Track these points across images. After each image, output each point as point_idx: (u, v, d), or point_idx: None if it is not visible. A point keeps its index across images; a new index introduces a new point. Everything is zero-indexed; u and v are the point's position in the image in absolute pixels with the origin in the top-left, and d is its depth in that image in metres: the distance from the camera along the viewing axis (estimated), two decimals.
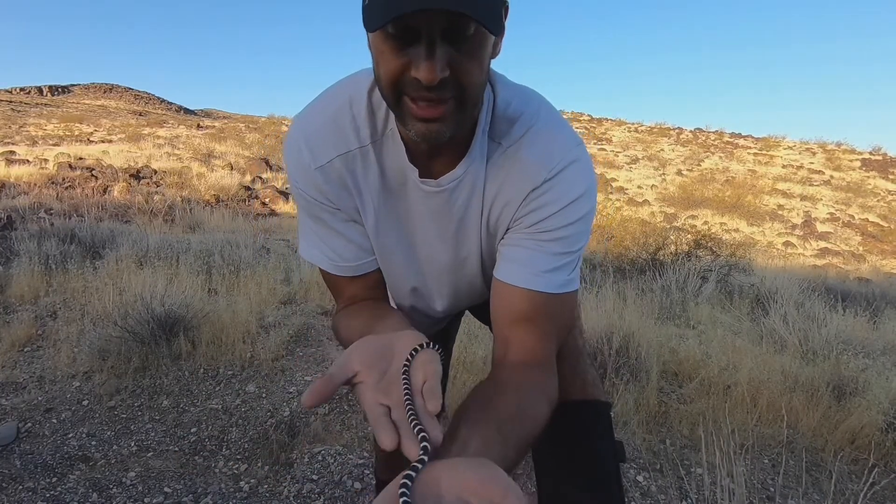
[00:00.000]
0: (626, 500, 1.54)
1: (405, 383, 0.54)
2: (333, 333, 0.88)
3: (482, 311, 1.07)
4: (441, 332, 1.17)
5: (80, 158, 10.82)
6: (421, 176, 0.73)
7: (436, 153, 0.72)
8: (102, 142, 16.67)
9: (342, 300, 0.86)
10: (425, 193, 0.75)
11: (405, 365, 0.56)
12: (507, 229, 0.76)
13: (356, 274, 0.82)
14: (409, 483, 0.43)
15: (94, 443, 1.71)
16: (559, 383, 0.80)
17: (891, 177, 20.40)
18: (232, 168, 11.51)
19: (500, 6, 0.58)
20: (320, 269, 0.84)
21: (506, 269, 0.75)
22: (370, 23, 0.55)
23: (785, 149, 25.12)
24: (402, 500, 0.41)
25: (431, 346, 0.59)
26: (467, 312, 1.18)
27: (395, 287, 0.90)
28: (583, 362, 0.88)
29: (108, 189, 7.68)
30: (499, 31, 0.57)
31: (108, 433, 1.77)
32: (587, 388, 0.86)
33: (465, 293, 0.90)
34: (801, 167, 21.57)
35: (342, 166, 0.75)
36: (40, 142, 16.49)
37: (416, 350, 0.57)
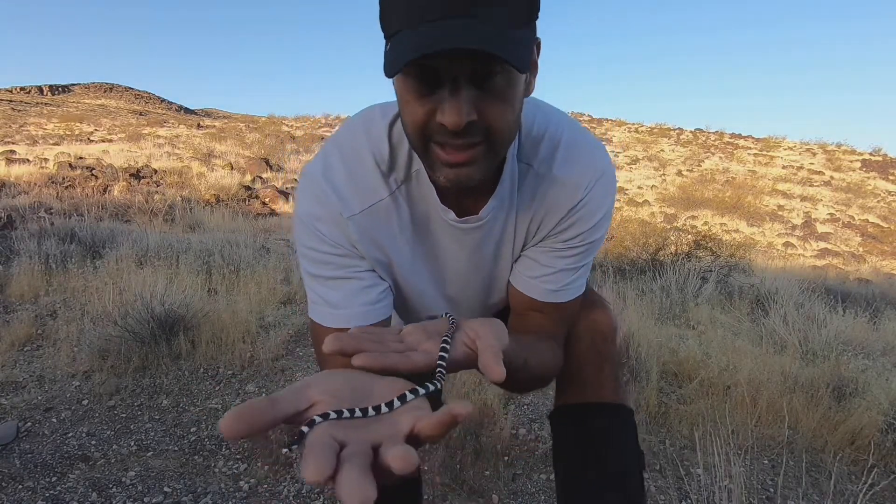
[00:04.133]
0: None
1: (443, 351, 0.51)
2: None
3: None
4: None
5: (81, 158, 10.82)
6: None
7: (467, 191, 0.70)
8: (102, 141, 16.67)
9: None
10: (462, 231, 0.74)
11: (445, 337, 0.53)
12: (537, 242, 0.77)
13: (364, 323, 0.73)
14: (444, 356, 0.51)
15: (93, 442, 1.72)
16: (598, 384, 0.86)
17: (891, 177, 20.40)
18: (232, 168, 11.52)
19: (529, 42, 0.55)
20: (320, 336, 0.74)
21: (526, 284, 0.79)
22: (389, 68, 0.53)
23: (785, 149, 25.12)
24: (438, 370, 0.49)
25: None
26: None
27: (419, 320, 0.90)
28: (619, 369, 0.93)
29: (109, 188, 7.68)
30: (526, 67, 0.53)
31: (108, 432, 1.77)
32: (620, 393, 0.88)
33: (493, 308, 0.92)
34: (801, 168, 21.56)
35: (375, 216, 0.72)
36: (40, 141, 16.48)
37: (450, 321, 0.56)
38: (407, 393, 0.44)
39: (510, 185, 0.72)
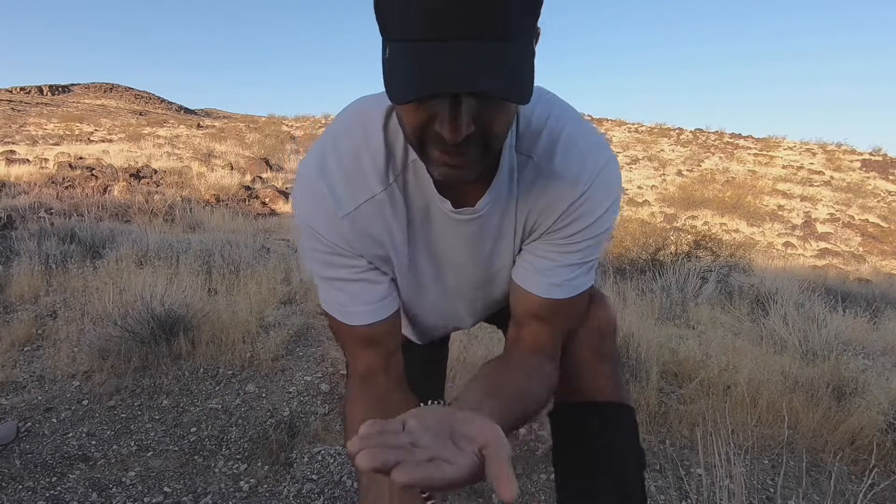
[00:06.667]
0: None
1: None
2: (342, 409, 0.82)
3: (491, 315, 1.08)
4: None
5: (81, 158, 10.82)
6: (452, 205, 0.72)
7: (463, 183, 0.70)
8: (102, 141, 16.68)
9: (357, 369, 0.81)
10: (457, 222, 0.73)
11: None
12: (538, 237, 0.76)
13: (373, 321, 0.77)
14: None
15: (93, 442, 1.72)
16: (597, 382, 0.86)
17: (891, 177, 20.39)
18: (232, 168, 11.51)
19: (529, 64, 0.54)
20: (336, 327, 0.80)
21: (527, 277, 0.77)
22: (395, 94, 0.51)
23: (785, 149, 25.11)
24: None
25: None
26: None
27: (421, 313, 0.90)
28: (618, 367, 0.90)
29: (108, 188, 7.68)
30: (527, 99, 0.53)
31: (108, 433, 1.77)
32: (621, 392, 0.87)
33: (496, 304, 0.91)
34: (801, 168, 21.55)
35: (370, 211, 0.72)
36: (40, 141, 16.49)
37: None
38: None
39: (508, 177, 0.71)
